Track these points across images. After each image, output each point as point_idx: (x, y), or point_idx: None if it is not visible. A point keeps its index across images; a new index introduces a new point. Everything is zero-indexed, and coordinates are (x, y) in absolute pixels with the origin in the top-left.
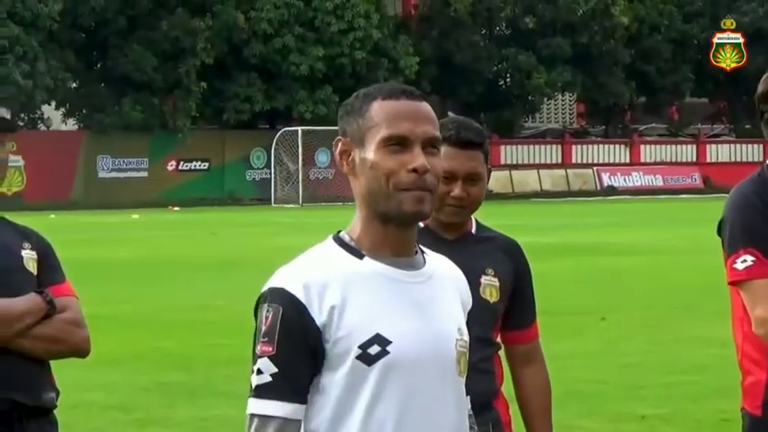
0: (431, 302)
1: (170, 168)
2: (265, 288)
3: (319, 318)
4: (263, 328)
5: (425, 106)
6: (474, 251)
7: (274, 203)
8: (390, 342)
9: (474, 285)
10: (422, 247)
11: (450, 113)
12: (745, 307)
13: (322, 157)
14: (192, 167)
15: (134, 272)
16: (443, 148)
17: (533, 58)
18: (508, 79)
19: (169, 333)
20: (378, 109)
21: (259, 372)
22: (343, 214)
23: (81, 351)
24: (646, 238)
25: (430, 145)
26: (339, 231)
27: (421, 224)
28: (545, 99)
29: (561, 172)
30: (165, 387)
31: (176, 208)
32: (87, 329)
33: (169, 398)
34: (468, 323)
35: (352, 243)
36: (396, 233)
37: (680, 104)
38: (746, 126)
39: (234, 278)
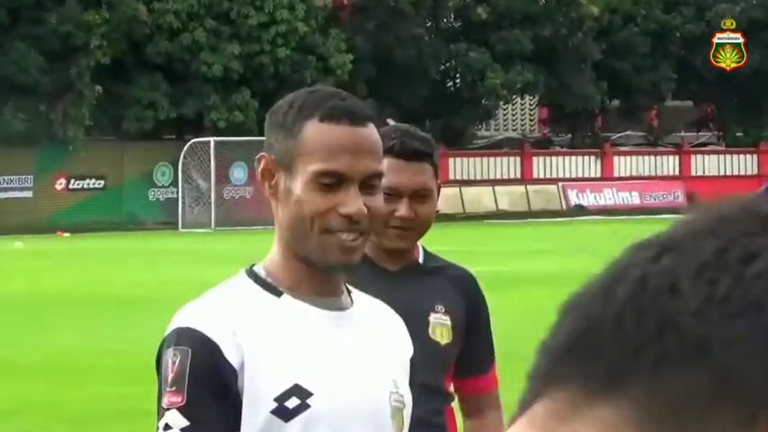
0: (360, 349)
1: (59, 187)
2: (169, 329)
3: (234, 360)
4: (170, 375)
5: (370, 133)
6: (421, 285)
7: (182, 228)
8: (311, 394)
9: (422, 325)
10: (348, 286)
11: (391, 121)
12: None
13: (238, 173)
14: (86, 186)
15: (17, 310)
16: (386, 161)
17: (487, 55)
18: (458, 80)
19: (60, 383)
20: (313, 133)
21: (167, 427)
22: (263, 240)
23: None
24: None
25: (370, 182)
26: (253, 265)
27: None
28: (501, 103)
29: (521, 189)
30: None
31: (66, 234)
32: None
33: None
34: (412, 370)
35: (269, 279)
36: (320, 274)
37: (660, 108)
38: (737, 133)
39: (136, 317)
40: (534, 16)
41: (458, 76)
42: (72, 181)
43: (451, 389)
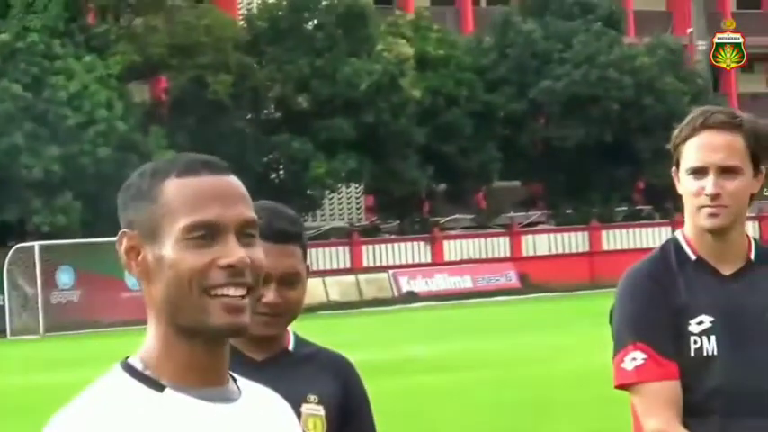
0: None
1: None
2: None
3: None
4: None
5: (235, 182)
6: (291, 374)
7: (11, 335)
8: None
9: None
10: (231, 373)
11: None
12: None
13: (65, 277)
14: None
15: None
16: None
17: (310, 145)
18: (281, 171)
19: None
20: (173, 190)
21: None
22: (94, 344)
23: None
24: (459, 351)
25: (247, 231)
26: (128, 357)
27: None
28: (327, 192)
29: (351, 278)
30: None
31: None
32: None
33: None
34: None
35: (148, 371)
36: (204, 354)
37: (487, 190)
38: (567, 211)
39: None
40: (356, 102)
41: (281, 167)
42: None
43: None
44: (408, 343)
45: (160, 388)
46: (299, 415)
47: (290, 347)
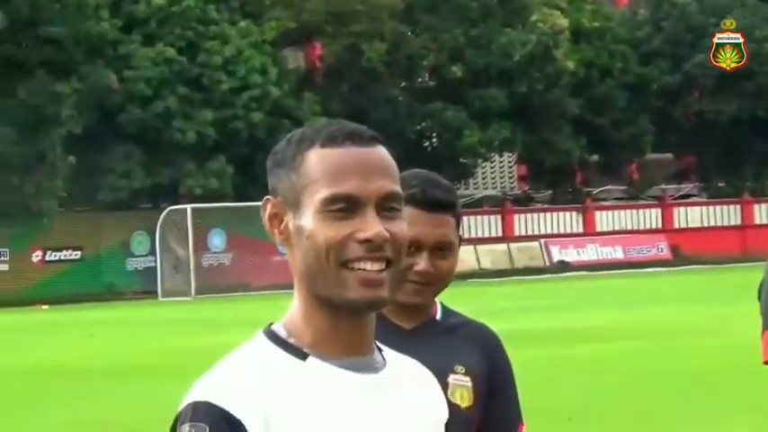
0: (394, 418)
1: (35, 260)
2: (184, 404)
3: None
4: None
5: (380, 152)
6: (439, 344)
7: (162, 297)
8: None
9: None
10: (378, 343)
11: None
12: None
13: (216, 240)
14: (62, 257)
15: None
16: (405, 211)
17: (464, 114)
18: (434, 139)
19: None
20: (316, 161)
21: None
22: (244, 307)
23: None
24: (610, 322)
25: (388, 205)
26: (271, 324)
27: None
28: (480, 161)
29: (503, 247)
30: None
31: (45, 306)
32: None
33: None
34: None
35: (291, 339)
36: (346, 324)
37: (640, 162)
38: (720, 184)
39: (118, 388)
40: (510, 73)
41: (434, 135)
42: (48, 253)
43: None
44: (560, 312)
45: (303, 356)
46: (446, 385)
47: (438, 317)
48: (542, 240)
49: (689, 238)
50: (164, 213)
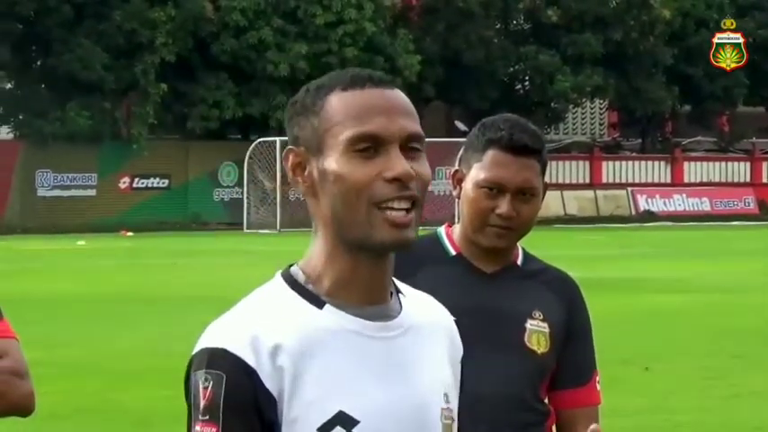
0: (408, 363)
1: (123, 186)
2: (198, 349)
3: (272, 386)
4: (202, 402)
5: (400, 95)
6: (519, 288)
7: (247, 228)
8: (357, 422)
9: (518, 332)
10: (397, 283)
11: (458, 123)
12: None
13: None
14: (150, 185)
15: (80, 309)
16: (491, 153)
17: (557, 58)
18: (527, 83)
19: (122, 383)
20: (337, 103)
21: None
22: None
23: (23, 408)
24: (693, 273)
25: (411, 145)
26: (291, 266)
27: (451, 250)
28: (571, 106)
29: (589, 193)
30: None
31: (130, 233)
32: (31, 381)
33: None
34: (507, 380)
35: (309, 286)
36: (368, 268)
37: (731, 114)
38: None
39: (200, 317)
40: (605, 19)
41: (527, 78)
42: (136, 180)
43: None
44: (643, 261)
45: (320, 304)
46: (523, 330)
47: (519, 262)
48: (629, 189)
49: None
50: (253, 145)
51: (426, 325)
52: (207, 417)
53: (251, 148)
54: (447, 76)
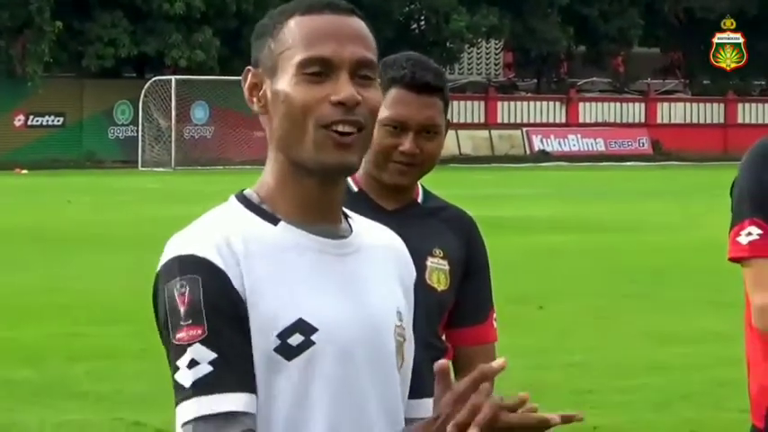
0: (361, 280)
1: (17, 123)
2: (166, 259)
3: (240, 288)
4: (182, 308)
5: (357, 22)
6: (419, 226)
7: (142, 166)
8: (316, 330)
9: (418, 269)
10: (346, 210)
11: None
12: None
13: (199, 113)
14: (44, 123)
15: None
16: (393, 92)
17: None
18: (422, 22)
19: (15, 321)
20: (294, 27)
21: (193, 363)
22: (223, 180)
23: None
24: (587, 213)
25: (362, 72)
26: (243, 190)
27: (353, 186)
28: (466, 46)
29: (484, 133)
30: (9, 386)
31: (24, 171)
32: None
33: (14, 399)
34: (416, 295)
35: (264, 205)
36: (318, 190)
37: (626, 55)
38: (705, 82)
39: (95, 255)
40: None
41: (422, 18)
42: (31, 117)
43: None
44: (537, 201)
45: (275, 221)
46: (423, 267)
47: (419, 200)
48: (524, 129)
49: (671, 133)
50: (148, 83)
51: (378, 247)
52: (190, 321)
53: (146, 87)
54: None
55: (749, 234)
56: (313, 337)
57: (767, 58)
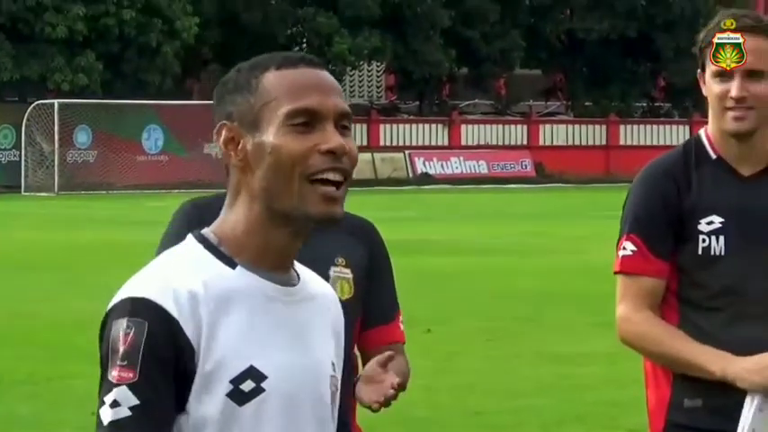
0: (306, 329)
1: None
2: (119, 299)
3: (192, 335)
4: (121, 348)
5: (330, 76)
6: (320, 237)
7: (25, 191)
8: (266, 377)
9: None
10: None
11: None
12: None
13: (82, 137)
14: None
15: None
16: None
17: (335, 20)
18: (305, 45)
19: None
20: (274, 81)
21: (115, 404)
22: (106, 205)
23: None
24: (471, 236)
25: (343, 122)
26: (200, 230)
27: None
28: (348, 69)
29: (367, 156)
30: None
31: None
32: None
33: None
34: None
35: (222, 247)
36: (288, 239)
37: (508, 77)
38: (586, 103)
39: None
40: None
41: (305, 40)
42: None
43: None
44: (421, 224)
45: (233, 265)
46: (327, 277)
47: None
48: (407, 152)
49: (553, 155)
50: (30, 107)
51: (318, 296)
52: (125, 362)
53: (29, 111)
54: (225, 38)
55: (624, 249)
56: (263, 384)
57: (648, 81)
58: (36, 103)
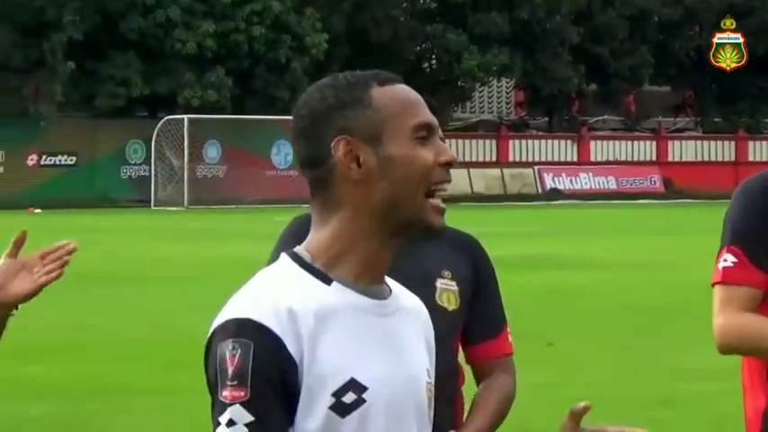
0: (400, 340)
1: (30, 163)
2: (222, 320)
3: (295, 352)
4: (230, 369)
5: None
6: (426, 249)
7: (154, 206)
8: (366, 389)
9: (429, 291)
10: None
11: None
12: None
13: (212, 152)
14: (57, 162)
15: None
16: None
17: (464, 37)
18: (434, 61)
19: (33, 357)
20: (386, 95)
21: (230, 423)
22: (235, 219)
23: None
24: (597, 251)
25: (440, 134)
26: (294, 249)
27: None
28: (478, 85)
29: (496, 172)
30: (27, 423)
31: (38, 210)
32: None
33: None
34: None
35: (317, 264)
36: (391, 251)
37: (637, 93)
38: (716, 119)
39: (109, 293)
40: None
41: (434, 57)
42: (44, 157)
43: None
44: (549, 239)
45: (328, 281)
46: (433, 289)
47: None
48: (536, 167)
49: (682, 171)
50: (160, 123)
51: (410, 309)
52: (236, 382)
53: (158, 126)
54: (354, 54)
55: (725, 261)
56: (364, 396)
57: None
58: (166, 118)
